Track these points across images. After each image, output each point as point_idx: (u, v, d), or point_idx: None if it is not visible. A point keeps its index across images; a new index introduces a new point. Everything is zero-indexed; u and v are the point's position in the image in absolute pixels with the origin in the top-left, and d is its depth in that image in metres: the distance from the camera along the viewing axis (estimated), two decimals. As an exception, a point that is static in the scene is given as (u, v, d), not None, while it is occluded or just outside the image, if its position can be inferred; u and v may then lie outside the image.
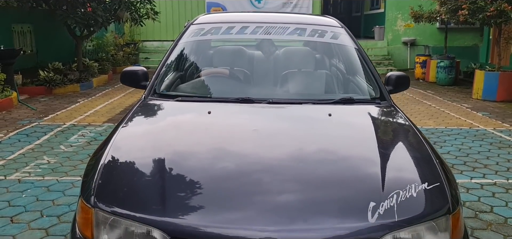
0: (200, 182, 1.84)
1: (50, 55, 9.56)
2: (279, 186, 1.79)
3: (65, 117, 6.33)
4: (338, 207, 1.71)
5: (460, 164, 4.42)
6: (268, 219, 1.62)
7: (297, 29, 3.15)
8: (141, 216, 1.67)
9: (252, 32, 3.14)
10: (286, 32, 3.13)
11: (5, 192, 3.61)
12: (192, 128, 2.33)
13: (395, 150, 2.15)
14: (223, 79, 3.02)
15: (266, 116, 2.45)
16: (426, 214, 1.73)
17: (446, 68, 10.19)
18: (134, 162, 1.98)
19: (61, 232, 2.95)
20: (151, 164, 1.93)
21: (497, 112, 7.10)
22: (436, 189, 1.83)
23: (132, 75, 2.95)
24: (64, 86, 8.46)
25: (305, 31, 3.15)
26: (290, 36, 3.13)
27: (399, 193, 1.75)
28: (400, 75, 2.98)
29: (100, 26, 9.36)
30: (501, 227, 3.07)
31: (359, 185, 1.84)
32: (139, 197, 1.77)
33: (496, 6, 7.32)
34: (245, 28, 3.17)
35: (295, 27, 3.16)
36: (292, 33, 3.13)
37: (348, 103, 2.61)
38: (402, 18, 13.49)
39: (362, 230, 1.63)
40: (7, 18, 8.70)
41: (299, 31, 3.15)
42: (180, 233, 1.62)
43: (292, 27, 3.16)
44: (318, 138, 2.22)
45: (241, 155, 2.04)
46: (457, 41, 13.12)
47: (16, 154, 4.62)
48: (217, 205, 1.70)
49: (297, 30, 3.15)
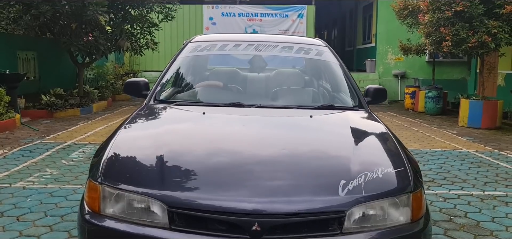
0: (194, 163, 2.13)
1: (52, 81, 9.89)
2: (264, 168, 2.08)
3: (66, 137, 6.59)
4: (314, 185, 2.00)
5: (440, 179, 4.69)
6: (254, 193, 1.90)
7: (285, 47, 3.50)
8: (143, 190, 1.94)
9: (244, 49, 3.49)
10: (275, 49, 3.48)
11: (10, 197, 3.83)
12: (189, 123, 2.63)
13: (366, 141, 2.46)
14: (217, 90, 3.33)
15: (254, 115, 2.75)
16: (390, 192, 2.00)
17: (434, 98, 10.58)
18: (136, 149, 2.27)
19: (64, 228, 3.16)
20: (152, 150, 2.20)
21: (480, 137, 7.41)
22: (400, 172, 2.11)
23: (134, 85, 3.26)
24: (65, 110, 8.75)
25: (292, 49, 3.49)
26: (279, 53, 3.47)
27: (367, 174, 2.03)
28: (379, 88, 3.30)
29: (102, 54, 9.76)
30: (472, 229, 3.32)
31: (332, 168, 2.14)
32: (141, 176, 2.04)
33: (477, 37, 7.76)
34: (238, 45, 3.52)
35: (284, 45, 3.51)
36: (281, 50, 3.47)
37: (329, 109, 2.92)
38: (393, 52, 14.01)
39: (333, 202, 1.91)
40: (13, 45, 9.08)
41: (286, 48, 3.49)
42: (177, 204, 1.88)
43: (281, 45, 3.51)
44: (299, 132, 2.53)
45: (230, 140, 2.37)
46: (446, 74, 13.61)
47: (20, 166, 4.85)
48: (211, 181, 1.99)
49: (285, 48, 3.49)
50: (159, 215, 1.89)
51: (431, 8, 8.42)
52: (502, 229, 3.32)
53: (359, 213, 1.92)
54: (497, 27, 7.58)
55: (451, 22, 8.07)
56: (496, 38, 7.67)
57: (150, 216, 1.91)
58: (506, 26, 7.65)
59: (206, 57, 3.61)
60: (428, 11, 8.57)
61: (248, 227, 1.81)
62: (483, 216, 3.59)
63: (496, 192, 4.27)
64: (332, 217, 1.89)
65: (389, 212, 1.97)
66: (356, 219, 1.91)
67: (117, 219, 1.95)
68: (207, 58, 3.64)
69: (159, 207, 1.90)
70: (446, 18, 8.05)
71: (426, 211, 2.13)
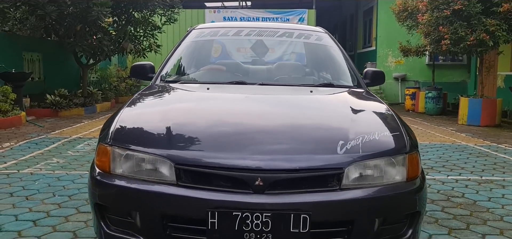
0: (199, 130, 2.23)
1: (56, 83, 10.03)
2: (266, 136, 2.18)
3: (71, 132, 6.70)
4: (313, 145, 2.11)
5: (439, 167, 4.78)
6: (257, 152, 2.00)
7: (285, 33, 3.61)
8: (151, 150, 2.05)
9: (246, 34, 3.61)
10: (276, 35, 3.59)
11: (19, 181, 3.93)
12: (194, 97, 2.75)
13: (364, 110, 2.57)
14: (221, 71, 3.45)
15: (257, 91, 2.86)
16: (386, 151, 2.11)
17: (434, 99, 10.69)
18: (144, 117, 2.39)
19: (72, 206, 3.26)
20: (159, 117, 2.32)
21: (479, 133, 7.50)
22: (396, 135, 2.22)
23: (141, 68, 3.38)
24: (69, 109, 8.88)
25: (293, 34, 3.61)
26: (279, 38, 3.58)
27: (365, 136, 2.14)
28: (377, 71, 3.42)
29: (105, 55, 9.90)
30: (469, 206, 3.40)
31: (331, 131, 2.25)
32: (149, 138, 2.15)
33: (475, 35, 7.88)
34: (240, 31, 3.65)
35: (284, 31, 3.62)
36: (281, 35, 3.59)
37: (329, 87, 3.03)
38: (393, 55, 14.14)
39: (331, 160, 2.01)
40: (18, 46, 9.24)
41: (287, 34, 3.61)
42: (184, 161, 1.99)
43: (281, 31, 3.63)
44: (299, 105, 2.64)
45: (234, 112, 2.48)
46: (446, 77, 13.71)
47: (27, 156, 4.96)
48: (216, 143, 2.09)
49: (286, 34, 3.61)
50: (166, 173, 1.99)
51: (429, 7, 8.55)
52: (498, 206, 3.41)
53: (356, 171, 2.02)
54: (495, 25, 7.71)
55: (449, 21, 8.19)
56: (494, 36, 7.79)
57: (158, 173, 2.01)
58: (503, 24, 7.77)
59: (210, 42, 3.72)
60: (427, 10, 8.71)
61: (251, 182, 1.91)
62: (479, 196, 3.68)
63: (493, 177, 4.35)
64: (331, 173, 1.98)
65: (386, 170, 2.07)
66: (354, 176, 2.01)
67: (126, 178, 2.05)
68: (211, 43, 3.75)
69: (167, 164, 2.00)
70: (444, 17, 8.18)
71: (421, 175, 2.23)
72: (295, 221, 1.89)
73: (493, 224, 3.02)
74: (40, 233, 2.72)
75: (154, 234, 1.99)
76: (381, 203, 2.02)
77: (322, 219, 1.94)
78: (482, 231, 2.87)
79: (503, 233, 2.85)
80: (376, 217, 2.00)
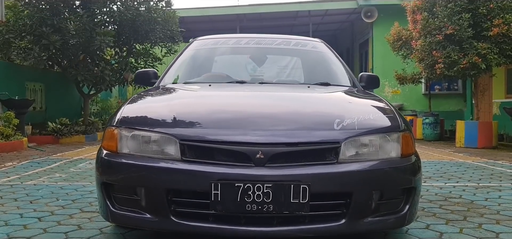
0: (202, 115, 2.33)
1: (58, 112, 10.16)
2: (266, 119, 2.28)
3: (72, 155, 6.77)
4: (312, 123, 2.22)
5: (437, 177, 4.84)
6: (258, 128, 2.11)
7: (283, 42, 3.80)
8: (157, 129, 2.15)
9: (246, 43, 3.78)
10: (274, 43, 3.78)
11: (22, 190, 3.98)
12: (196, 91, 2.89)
13: (360, 99, 2.72)
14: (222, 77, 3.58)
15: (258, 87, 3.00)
16: (381, 129, 2.22)
17: (431, 124, 10.82)
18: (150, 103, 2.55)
19: (76, 207, 3.31)
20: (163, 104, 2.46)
21: (477, 153, 7.58)
22: (390, 117, 2.34)
23: (144, 74, 3.52)
24: (70, 136, 8.97)
25: (290, 43, 3.79)
26: (277, 46, 3.77)
27: (360, 116, 2.26)
28: (372, 75, 3.57)
29: (107, 86, 10.09)
30: (466, 205, 3.45)
31: (328, 112, 2.38)
32: (155, 119, 2.26)
33: (468, 59, 8.10)
34: (240, 40, 3.84)
35: (282, 40, 3.81)
36: (279, 44, 3.78)
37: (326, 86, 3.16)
38: (389, 85, 14.36)
39: (329, 135, 2.12)
40: (22, 76, 9.44)
41: (285, 43, 3.79)
42: (188, 137, 2.09)
43: (280, 41, 3.81)
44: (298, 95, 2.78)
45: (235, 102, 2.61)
46: (442, 106, 13.89)
47: (30, 172, 5.02)
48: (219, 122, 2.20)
49: (284, 42, 3.79)
50: (171, 149, 2.09)
51: (423, 33, 8.82)
52: (495, 204, 3.46)
53: (353, 146, 2.12)
54: (486, 48, 7.94)
55: (442, 45, 8.43)
56: (486, 59, 8.01)
57: (163, 150, 2.11)
58: (494, 47, 8.01)
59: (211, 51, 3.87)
60: (420, 37, 8.97)
61: (252, 155, 2.01)
62: (476, 197, 3.74)
63: (490, 184, 4.42)
64: (328, 147, 2.09)
65: (381, 145, 2.17)
66: (350, 150, 2.12)
67: (133, 156, 2.15)
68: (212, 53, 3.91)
69: (172, 141, 2.10)
70: (437, 42, 8.43)
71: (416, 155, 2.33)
72: (295, 191, 1.97)
73: (489, 216, 3.08)
74: (45, 226, 2.76)
75: (159, 210, 2.06)
76: (377, 175, 2.11)
77: (320, 190, 2.02)
78: (479, 222, 2.92)
79: (499, 223, 2.90)
80: (373, 189, 2.09)
